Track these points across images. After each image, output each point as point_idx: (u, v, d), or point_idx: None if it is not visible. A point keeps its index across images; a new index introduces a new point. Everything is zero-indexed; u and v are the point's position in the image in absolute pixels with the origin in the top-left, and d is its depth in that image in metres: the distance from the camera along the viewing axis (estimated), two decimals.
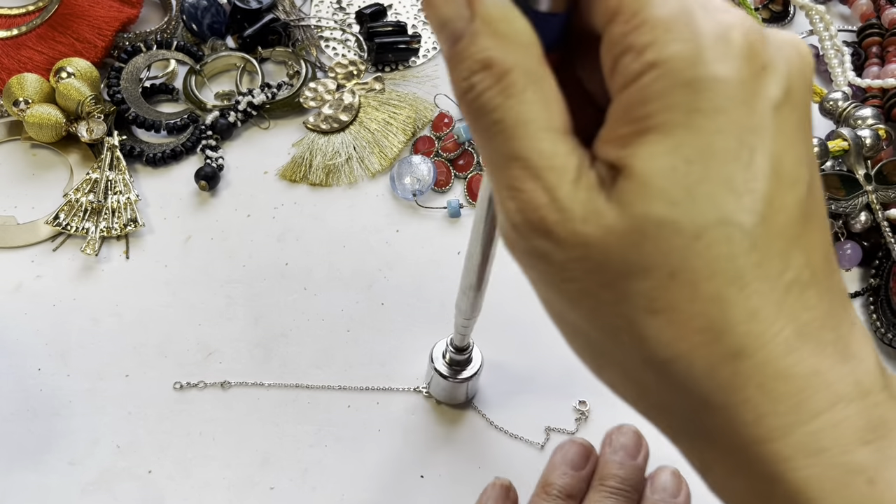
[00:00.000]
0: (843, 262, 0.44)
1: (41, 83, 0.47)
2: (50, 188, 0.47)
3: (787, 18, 0.55)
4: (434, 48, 0.53)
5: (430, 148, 0.48)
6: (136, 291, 0.43)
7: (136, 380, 0.41)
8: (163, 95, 0.50)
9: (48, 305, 0.43)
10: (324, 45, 0.53)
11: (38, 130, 0.47)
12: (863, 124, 0.44)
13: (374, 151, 0.48)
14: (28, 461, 0.38)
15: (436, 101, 0.50)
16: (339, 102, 0.50)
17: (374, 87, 0.51)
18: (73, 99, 0.46)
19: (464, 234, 0.46)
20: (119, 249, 0.45)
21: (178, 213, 0.46)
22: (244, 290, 0.43)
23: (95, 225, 0.45)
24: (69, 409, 0.40)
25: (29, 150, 0.48)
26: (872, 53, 0.51)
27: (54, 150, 0.48)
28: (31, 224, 0.45)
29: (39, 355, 0.41)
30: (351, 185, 0.47)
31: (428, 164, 0.47)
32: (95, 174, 0.46)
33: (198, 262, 0.44)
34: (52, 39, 0.50)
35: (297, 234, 0.46)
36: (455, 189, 0.48)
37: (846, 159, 0.44)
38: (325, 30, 0.53)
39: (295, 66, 0.51)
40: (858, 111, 0.45)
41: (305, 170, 0.47)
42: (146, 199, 0.46)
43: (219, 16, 0.51)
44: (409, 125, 0.49)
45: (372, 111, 0.50)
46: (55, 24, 0.50)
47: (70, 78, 0.47)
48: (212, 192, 0.47)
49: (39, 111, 0.46)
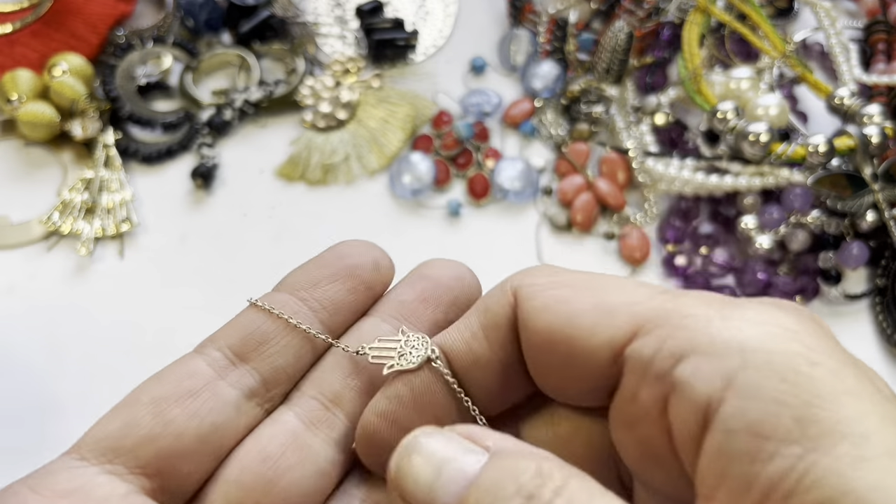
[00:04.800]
0: (849, 262, 0.43)
1: (34, 79, 0.46)
2: (43, 187, 0.46)
3: (792, 14, 0.54)
4: (433, 45, 0.52)
5: (429, 146, 0.48)
6: (130, 291, 0.43)
7: (130, 380, 0.40)
8: (158, 92, 0.50)
9: (42, 306, 0.42)
10: (321, 42, 0.52)
11: (31, 129, 0.46)
12: (869, 122, 0.44)
13: (372, 149, 0.48)
14: (22, 463, 0.38)
15: (435, 98, 0.50)
16: (337, 100, 0.49)
17: (373, 84, 0.50)
18: (66, 97, 0.46)
19: (463, 232, 0.45)
20: (114, 249, 0.44)
21: (173, 212, 0.45)
22: (240, 290, 0.43)
23: (90, 224, 0.44)
24: (63, 410, 0.39)
25: (22, 149, 0.47)
26: (879, 50, 0.50)
27: (48, 148, 0.47)
28: (25, 224, 0.44)
29: (33, 356, 0.40)
30: (349, 183, 0.47)
31: (427, 162, 0.46)
32: (89, 173, 0.46)
33: (193, 262, 0.44)
34: (46, 36, 0.49)
35: (294, 233, 0.45)
36: (455, 188, 0.47)
37: (852, 158, 0.43)
38: (323, 26, 0.53)
39: (292, 63, 0.51)
40: (865, 108, 0.44)
41: (303, 168, 0.47)
42: (141, 197, 0.46)
43: (215, 12, 0.51)
44: (407, 123, 0.48)
45: (370, 109, 0.49)
46: (49, 20, 0.50)
47: (64, 75, 0.46)
48: (207, 190, 0.46)
49: (33, 109, 0.46)
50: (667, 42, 0.50)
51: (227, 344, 0.24)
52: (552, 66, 0.49)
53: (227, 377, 0.23)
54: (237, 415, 0.23)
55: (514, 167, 0.46)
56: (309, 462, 0.22)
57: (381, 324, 0.24)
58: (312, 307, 0.24)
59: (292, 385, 0.24)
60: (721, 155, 0.45)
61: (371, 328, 0.24)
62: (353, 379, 0.24)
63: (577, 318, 0.20)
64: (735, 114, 0.44)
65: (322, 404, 0.23)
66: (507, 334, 0.21)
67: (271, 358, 0.24)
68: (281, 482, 0.22)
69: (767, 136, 0.43)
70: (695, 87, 0.47)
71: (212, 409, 0.22)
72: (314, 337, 0.24)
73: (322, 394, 0.23)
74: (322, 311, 0.24)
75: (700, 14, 0.49)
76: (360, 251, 0.25)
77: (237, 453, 0.22)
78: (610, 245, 0.46)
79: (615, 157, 0.47)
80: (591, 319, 0.20)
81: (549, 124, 0.49)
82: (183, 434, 0.22)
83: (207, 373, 0.23)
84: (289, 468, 0.22)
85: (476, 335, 0.22)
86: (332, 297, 0.24)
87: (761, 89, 0.47)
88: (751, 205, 0.45)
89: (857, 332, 0.43)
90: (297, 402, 0.24)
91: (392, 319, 0.24)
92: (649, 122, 0.48)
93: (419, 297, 0.25)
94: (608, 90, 0.49)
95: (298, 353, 0.24)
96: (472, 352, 0.22)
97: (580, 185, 0.46)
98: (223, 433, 0.22)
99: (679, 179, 0.45)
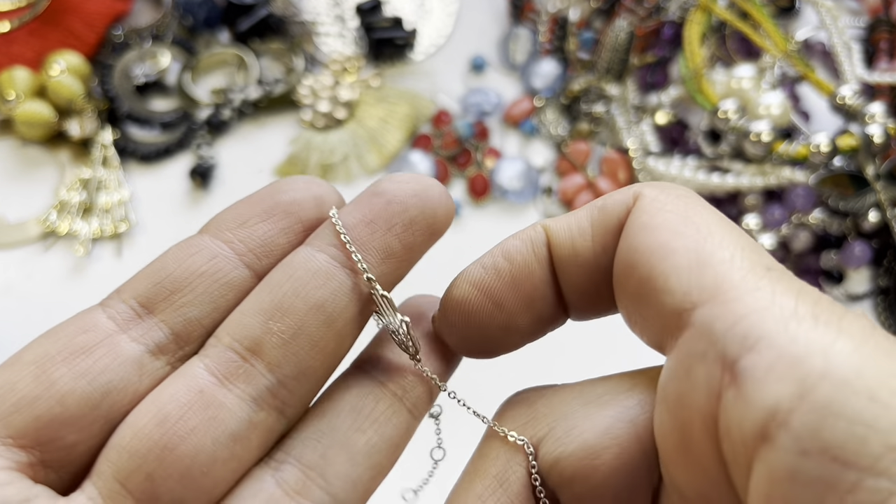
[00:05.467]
0: (852, 262, 0.43)
1: (31, 78, 0.46)
2: (40, 187, 0.46)
3: (794, 12, 0.54)
4: (433, 44, 0.52)
5: (428, 145, 0.47)
6: None
7: None
8: (156, 91, 0.49)
9: (39, 306, 0.42)
10: (319, 41, 0.52)
11: (28, 128, 0.46)
12: (871, 121, 0.43)
13: (371, 149, 0.47)
14: None
15: (435, 97, 0.50)
16: (336, 99, 0.49)
17: (372, 83, 0.50)
18: (64, 96, 0.45)
19: (463, 232, 0.45)
20: (111, 249, 0.44)
21: (172, 212, 0.45)
22: None
23: (87, 224, 0.44)
24: None
25: (19, 148, 0.47)
26: (881, 49, 0.50)
27: (45, 147, 0.47)
28: (22, 224, 0.44)
29: None
30: (348, 183, 0.46)
31: (427, 161, 0.46)
32: (87, 172, 0.45)
33: None
34: (44, 34, 0.49)
35: None
36: (455, 187, 0.47)
37: (855, 157, 0.43)
38: (322, 24, 0.52)
39: (290, 62, 0.50)
40: (867, 107, 0.44)
41: (301, 168, 0.47)
42: (138, 197, 0.46)
43: (213, 10, 0.51)
44: (407, 122, 0.48)
45: (369, 108, 0.49)
46: (46, 18, 0.49)
47: (61, 74, 0.46)
48: (205, 190, 0.46)
49: (30, 108, 0.45)
50: (668, 40, 0.50)
51: (133, 295, 0.20)
52: (553, 65, 0.49)
53: (130, 331, 0.20)
54: (139, 374, 0.19)
55: (514, 167, 0.46)
56: (218, 423, 0.19)
57: (315, 255, 0.20)
58: (237, 250, 0.20)
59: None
60: (723, 154, 0.45)
61: (302, 262, 0.20)
62: (277, 322, 0.19)
63: (670, 252, 0.17)
64: (737, 113, 0.44)
65: (238, 354, 0.19)
66: (614, 239, 0.19)
67: (184, 308, 0.20)
68: (179, 448, 0.18)
69: (769, 136, 0.43)
70: (696, 85, 0.47)
71: (106, 367, 0.19)
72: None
73: (238, 341, 0.19)
74: (248, 255, 0.21)
75: (701, 12, 0.49)
76: (300, 186, 0.21)
77: (131, 416, 0.19)
78: None
79: (616, 157, 0.47)
80: (681, 260, 0.17)
81: (549, 123, 0.49)
82: (68, 397, 0.19)
83: (107, 327, 0.20)
84: (191, 431, 0.18)
85: (583, 231, 0.20)
86: (261, 237, 0.21)
87: (763, 88, 0.47)
88: (752, 204, 0.45)
89: None
90: (208, 353, 0.20)
91: (330, 248, 0.20)
92: (650, 121, 0.48)
93: (365, 219, 0.20)
94: (609, 89, 0.49)
95: (217, 301, 0.20)
96: (575, 247, 0.20)
97: (581, 184, 0.46)
98: (119, 395, 0.19)
99: (680, 179, 0.45)
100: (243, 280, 0.20)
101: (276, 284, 0.20)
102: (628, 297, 0.19)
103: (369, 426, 0.20)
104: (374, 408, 0.20)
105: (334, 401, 0.20)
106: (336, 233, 0.20)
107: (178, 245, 0.21)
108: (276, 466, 0.19)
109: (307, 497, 0.19)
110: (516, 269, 0.20)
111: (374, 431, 0.20)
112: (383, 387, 0.21)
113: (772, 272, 0.17)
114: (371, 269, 0.20)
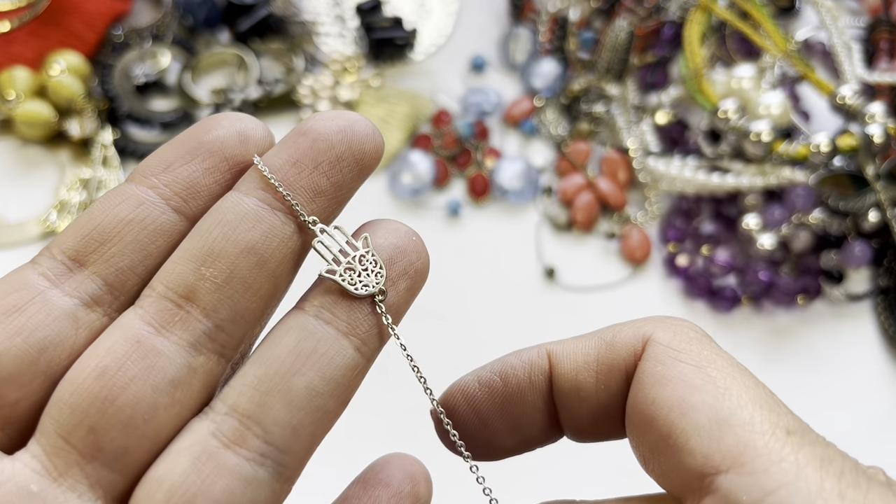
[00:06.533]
0: (852, 262, 0.43)
1: (31, 78, 0.46)
2: (40, 187, 0.46)
3: (794, 12, 0.54)
4: (433, 44, 0.52)
5: (428, 145, 0.48)
6: None
7: None
8: (156, 91, 0.49)
9: None
10: (320, 41, 0.52)
11: (28, 128, 0.46)
12: (872, 121, 0.43)
13: None
14: None
15: (435, 97, 0.50)
16: (336, 99, 0.49)
17: (372, 83, 0.50)
18: (64, 95, 0.46)
19: (463, 232, 0.45)
20: None
21: None
22: None
23: None
24: None
25: (19, 148, 0.47)
26: (881, 49, 0.50)
27: (45, 147, 0.47)
28: (22, 224, 0.44)
29: None
30: None
31: (427, 161, 0.46)
32: (87, 172, 0.45)
33: None
34: (44, 34, 0.49)
35: None
36: (454, 187, 0.47)
37: (855, 157, 0.43)
38: (322, 24, 0.52)
39: (290, 62, 0.50)
40: (867, 107, 0.44)
41: None
42: None
43: (214, 10, 0.51)
44: (407, 122, 0.48)
45: (369, 108, 0.49)
46: (46, 18, 0.49)
47: (61, 74, 0.46)
48: None
49: (30, 108, 0.45)
50: (668, 40, 0.50)
51: (62, 249, 0.20)
52: (553, 65, 0.49)
53: (62, 286, 0.19)
54: (75, 328, 0.19)
55: (515, 166, 0.46)
56: (157, 371, 0.19)
57: (243, 199, 0.20)
58: (163, 194, 0.20)
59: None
60: (723, 154, 0.45)
61: (231, 206, 0.20)
62: (209, 268, 0.19)
63: (689, 409, 0.18)
64: (737, 113, 0.44)
65: (173, 301, 0.19)
66: (620, 383, 0.20)
67: (115, 258, 0.20)
68: (120, 399, 0.18)
69: (769, 135, 0.43)
70: (696, 85, 0.47)
71: (41, 323, 0.19)
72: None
73: (172, 289, 0.19)
74: (174, 199, 0.20)
75: (702, 12, 0.49)
76: (224, 124, 0.21)
77: (70, 372, 0.19)
78: (611, 245, 0.45)
79: (616, 157, 0.47)
80: (701, 418, 0.18)
81: (549, 123, 0.49)
82: (3, 356, 0.19)
83: (38, 283, 0.19)
84: (130, 381, 0.18)
85: (589, 366, 0.20)
86: (186, 179, 0.20)
87: (763, 88, 0.47)
88: (753, 204, 0.45)
89: (860, 333, 0.43)
90: (143, 303, 0.20)
91: (258, 192, 0.20)
92: (650, 120, 0.48)
93: (291, 160, 0.20)
94: (609, 89, 0.49)
95: (148, 248, 0.20)
96: (578, 381, 0.20)
97: (581, 184, 0.46)
98: (57, 350, 0.19)
99: (680, 179, 0.45)
100: (173, 225, 0.20)
101: (205, 230, 0.20)
102: (646, 447, 0.19)
103: (309, 368, 0.19)
104: (314, 349, 0.19)
105: (273, 345, 0.20)
106: (263, 175, 0.20)
107: (105, 196, 0.21)
108: (214, 417, 0.19)
109: (244, 446, 0.19)
110: (509, 392, 0.21)
111: (314, 373, 0.19)
112: (327, 325, 0.20)
113: (792, 436, 0.17)
114: (301, 208, 0.20)
